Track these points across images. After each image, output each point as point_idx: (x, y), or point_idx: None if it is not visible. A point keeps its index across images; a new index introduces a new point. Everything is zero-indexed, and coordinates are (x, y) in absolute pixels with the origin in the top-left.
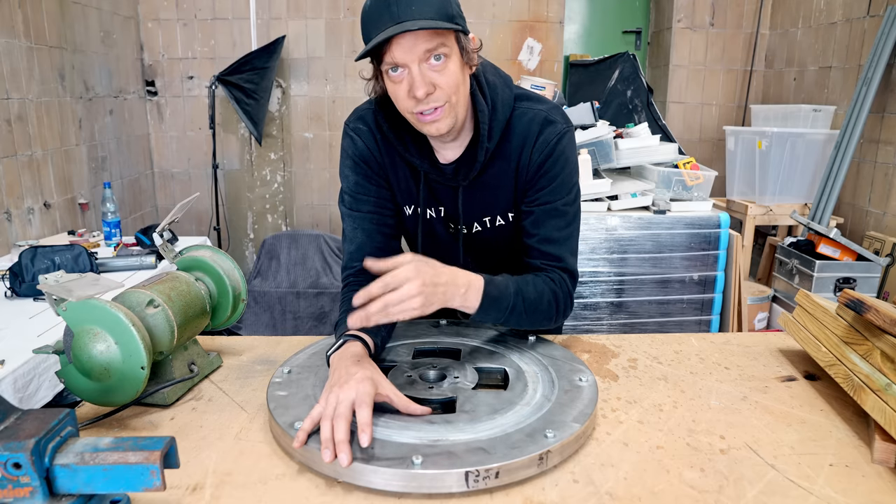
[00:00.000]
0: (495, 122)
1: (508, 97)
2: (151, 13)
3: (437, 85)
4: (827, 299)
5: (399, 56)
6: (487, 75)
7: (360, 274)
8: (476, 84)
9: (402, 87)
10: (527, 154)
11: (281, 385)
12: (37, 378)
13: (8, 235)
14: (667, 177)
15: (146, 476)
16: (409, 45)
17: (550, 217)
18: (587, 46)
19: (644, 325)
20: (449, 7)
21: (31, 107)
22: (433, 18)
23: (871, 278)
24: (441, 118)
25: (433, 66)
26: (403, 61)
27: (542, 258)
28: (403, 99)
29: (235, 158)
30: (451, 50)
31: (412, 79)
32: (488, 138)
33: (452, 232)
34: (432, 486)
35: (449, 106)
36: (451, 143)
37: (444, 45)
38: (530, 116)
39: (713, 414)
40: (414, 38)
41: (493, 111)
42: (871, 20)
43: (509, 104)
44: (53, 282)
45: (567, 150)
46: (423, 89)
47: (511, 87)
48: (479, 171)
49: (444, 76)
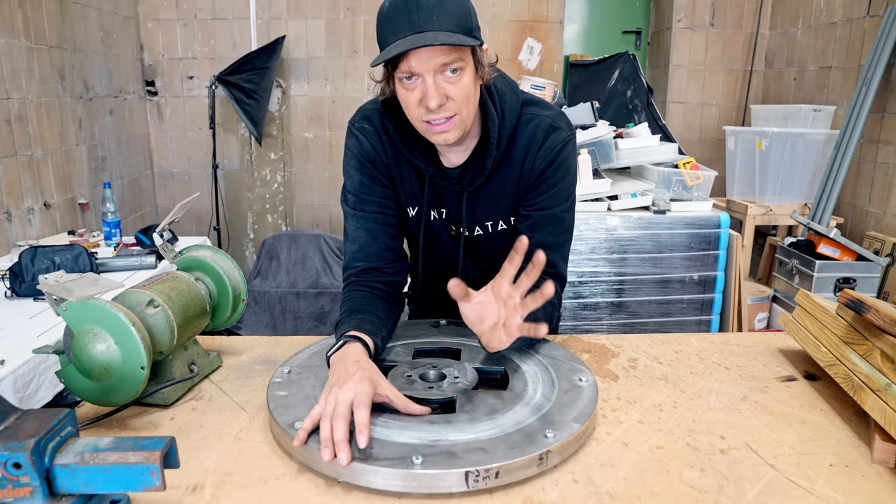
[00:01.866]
0: (503, 129)
1: (516, 104)
2: (151, 13)
3: (450, 96)
4: (827, 299)
5: (416, 66)
6: (496, 83)
7: (362, 274)
8: (486, 93)
9: (413, 95)
10: (531, 159)
11: (281, 385)
12: (37, 378)
13: (8, 235)
14: (667, 177)
15: (146, 476)
16: (427, 56)
17: (548, 223)
18: (587, 46)
19: (644, 325)
20: (469, 19)
21: (31, 107)
22: (453, 30)
23: (871, 278)
24: (451, 129)
25: (448, 79)
26: (419, 71)
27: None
28: (414, 107)
29: (235, 158)
30: (466, 63)
31: (426, 88)
32: (497, 146)
33: (454, 235)
34: (432, 486)
35: (459, 118)
36: (456, 148)
37: (461, 60)
38: (536, 122)
39: (713, 414)
40: (432, 51)
41: (501, 119)
42: (871, 20)
43: (516, 111)
44: (53, 282)
45: (570, 158)
46: (435, 101)
47: (518, 94)
48: (486, 177)
49: (457, 88)
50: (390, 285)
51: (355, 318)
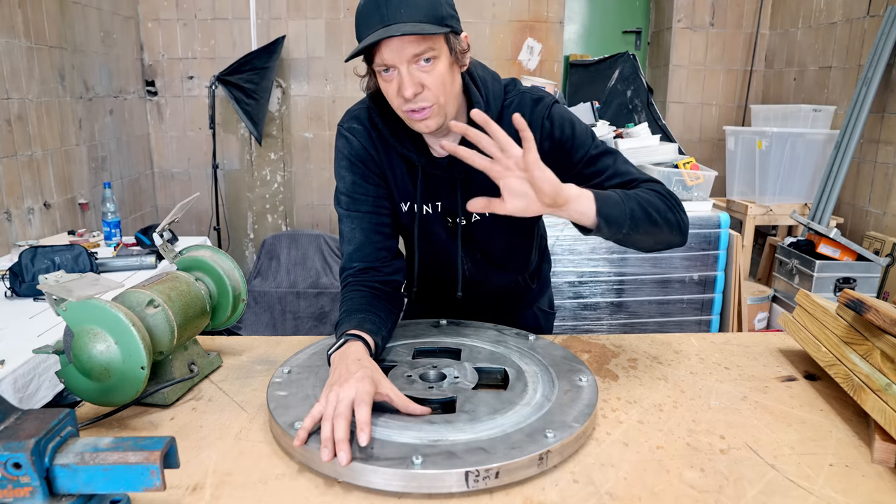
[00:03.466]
0: (489, 113)
1: (498, 90)
2: (151, 13)
3: (426, 85)
4: (827, 299)
5: (388, 58)
6: (478, 70)
7: (360, 274)
8: (470, 79)
9: (392, 87)
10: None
11: (281, 385)
12: (37, 378)
13: (8, 235)
14: (667, 177)
15: (146, 476)
16: (397, 48)
17: (592, 164)
18: (587, 46)
19: (644, 325)
20: (439, 9)
21: (31, 107)
22: (421, 21)
23: (871, 278)
24: (430, 117)
25: (422, 68)
26: (392, 63)
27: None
28: (394, 97)
29: (235, 158)
30: (439, 52)
31: (401, 79)
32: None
33: (451, 227)
34: (432, 485)
35: (437, 106)
36: (443, 137)
37: (432, 49)
38: (518, 101)
39: (713, 414)
40: (401, 42)
41: (486, 104)
42: (871, 20)
43: (500, 96)
44: (53, 282)
45: (563, 113)
46: (410, 90)
47: (499, 81)
48: None
49: (431, 77)
50: (388, 284)
51: (355, 318)
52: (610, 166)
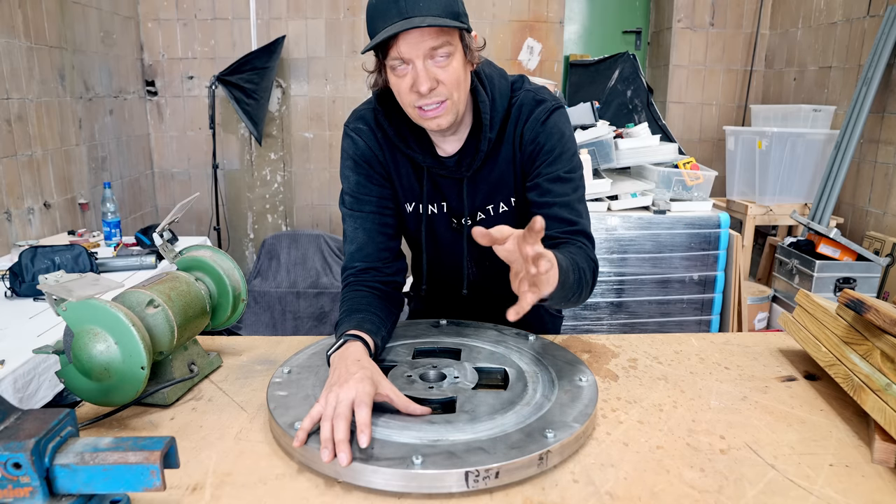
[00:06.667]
0: (495, 112)
1: (505, 88)
2: (151, 13)
3: (441, 81)
4: (827, 299)
5: (405, 51)
6: (485, 68)
7: (361, 274)
8: (476, 78)
9: (405, 82)
10: (519, 132)
11: (281, 385)
12: (37, 378)
13: (8, 235)
14: (667, 177)
15: (146, 476)
16: (416, 41)
17: (554, 183)
18: (587, 46)
19: (644, 325)
20: (455, 5)
21: (31, 107)
22: (439, 15)
23: (871, 278)
24: (443, 114)
25: (437, 63)
26: (408, 57)
27: (556, 225)
28: (406, 93)
29: (235, 158)
30: (455, 48)
31: (416, 74)
32: (490, 129)
33: (456, 227)
34: (432, 485)
35: (451, 102)
36: (450, 136)
37: (450, 44)
38: (522, 99)
39: (713, 414)
40: (420, 35)
41: (492, 102)
42: (871, 20)
43: (507, 94)
44: (53, 282)
45: (560, 123)
46: (426, 85)
47: (506, 78)
48: (482, 160)
49: (447, 72)
50: (389, 285)
51: (355, 318)
52: (567, 195)
